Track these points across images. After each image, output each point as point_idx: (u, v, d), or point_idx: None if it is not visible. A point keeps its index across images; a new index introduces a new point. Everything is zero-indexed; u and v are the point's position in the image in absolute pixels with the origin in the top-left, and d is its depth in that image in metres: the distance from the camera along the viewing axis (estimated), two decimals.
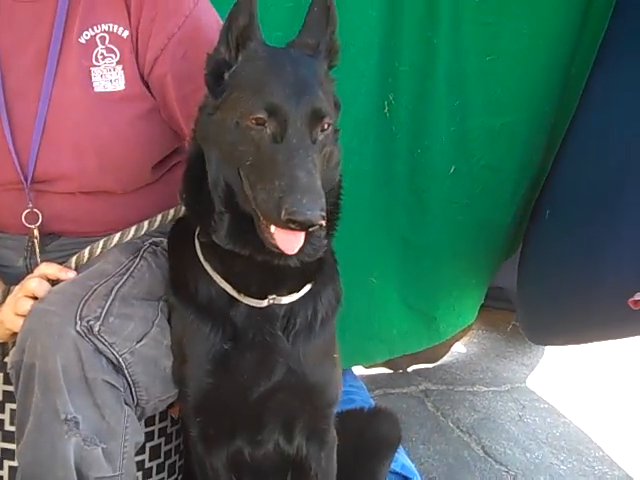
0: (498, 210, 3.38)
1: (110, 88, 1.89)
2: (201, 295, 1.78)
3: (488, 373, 4.23)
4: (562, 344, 3.88)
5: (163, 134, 2.02)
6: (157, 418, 2.05)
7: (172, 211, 1.96)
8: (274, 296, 1.75)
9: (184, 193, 1.79)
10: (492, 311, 4.48)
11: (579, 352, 4.37)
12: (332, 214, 1.75)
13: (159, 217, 1.94)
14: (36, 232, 1.96)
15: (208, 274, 1.77)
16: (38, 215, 1.95)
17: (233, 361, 1.76)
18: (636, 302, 2.55)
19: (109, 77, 1.89)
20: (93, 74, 1.88)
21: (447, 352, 4.29)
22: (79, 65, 1.88)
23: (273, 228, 1.53)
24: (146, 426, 1.99)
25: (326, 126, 1.61)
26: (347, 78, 2.85)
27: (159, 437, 2.08)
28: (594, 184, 2.97)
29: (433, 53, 2.99)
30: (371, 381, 3.89)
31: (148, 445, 2.02)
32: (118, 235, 1.89)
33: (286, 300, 1.77)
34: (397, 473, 2.69)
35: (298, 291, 1.79)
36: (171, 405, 1.95)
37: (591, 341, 3.46)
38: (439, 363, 4.29)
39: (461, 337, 4.30)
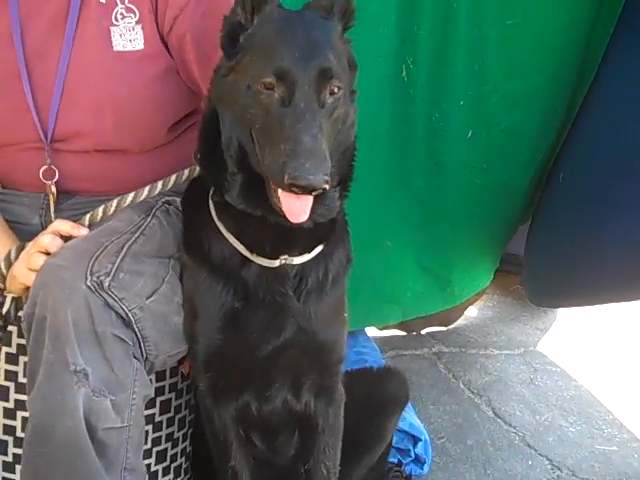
0: (515, 174, 3.37)
1: (129, 47, 1.90)
2: (214, 254, 1.80)
3: (501, 336, 4.25)
4: (569, 306, 3.89)
5: (180, 95, 2.04)
6: (168, 373, 2.09)
7: (186, 171, 1.97)
8: (286, 256, 1.77)
9: (199, 153, 1.81)
10: (508, 275, 4.46)
11: (593, 317, 4.40)
12: (345, 175, 1.76)
13: (173, 177, 1.96)
14: (53, 188, 1.99)
15: (221, 234, 1.79)
16: (55, 171, 1.98)
17: (243, 319, 1.79)
18: None
19: (128, 36, 1.90)
20: (112, 33, 1.90)
21: (461, 315, 4.32)
22: (98, 25, 1.89)
23: (280, 192, 1.55)
24: (157, 381, 2.04)
25: (336, 89, 1.60)
26: (365, 41, 2.82)
27: (170, 392, 2.11)
28: (611, 150, 2.93)
29: (452, 17, 2.96)
30: (384, 342, 3.93)
31: (159, 399, 2.07)
32: (132, 195, 1.91)
33: (298, 260, 1.80)
34: (406, 432, 2.74)
35: (310, 251, 1.81)
36: (182, 360, 2.00)
37: (602, 303, 3.44)
38: (453, 326, 4.31)
39: (475, 301, 4.32)
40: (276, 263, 1.77)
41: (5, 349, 1.91)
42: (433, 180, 3.24)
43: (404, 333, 4.13)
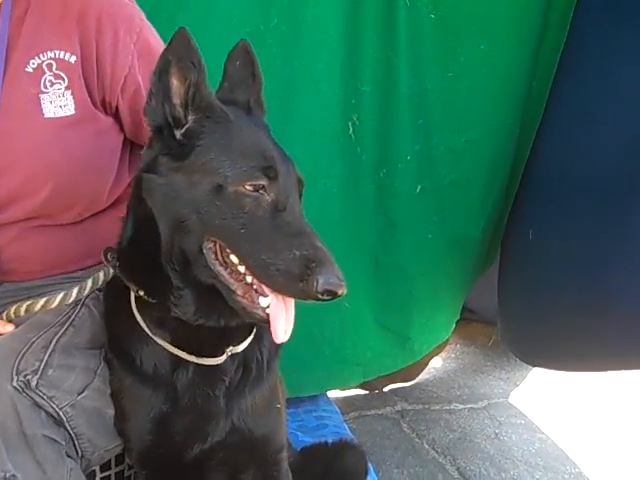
0: (467, 226, 3.38)
1: (60, 114, 1.86)
2: (145, 364, 1.71)
3: (465, 389, 4.20)
4: (562, 369, 3.73)
5: (115, 157, 2.00)
6: (113, 462, 2.00)
7: (101, 275, 1.88)
8: (231, 348, 1.71)
9: (123, 262, 1.69)
10: (469, 324, 4.45)
11: None
12: None
13: (89, 282, 1.87)
14: None
15: (153, 340, 1.69)
16: None
17: (170, 422, 1.71)
18: None
19: (59, 103, 1.86)
20: (42, 101, 1.85)
21: (423, 369, 4.27)
22: (27, 93, 1.86)
23: (265, 302, 1.49)
24: (101, 471, 1.96)
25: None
26: (312, 100, 2.88)
27: None
28: (582, 197, 2.87)
29: (394, 72, 2.99)
30: (346, 403, 3.85)
31: None
32: (42, 301, 1.82)
33: (242, 347, 1.73)
34: None
35: (249, 334, 1.75)
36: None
37: (606, 370, 3.37)
38: (416, 381, 4.25)
39: (438, 353, 4.28)
40: (222, 359, 1.70)
41: None
42: (386, 236, 3.24)
43: (366, 392, 4.06)
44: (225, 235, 1.50)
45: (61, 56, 1.87)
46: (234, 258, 1.51)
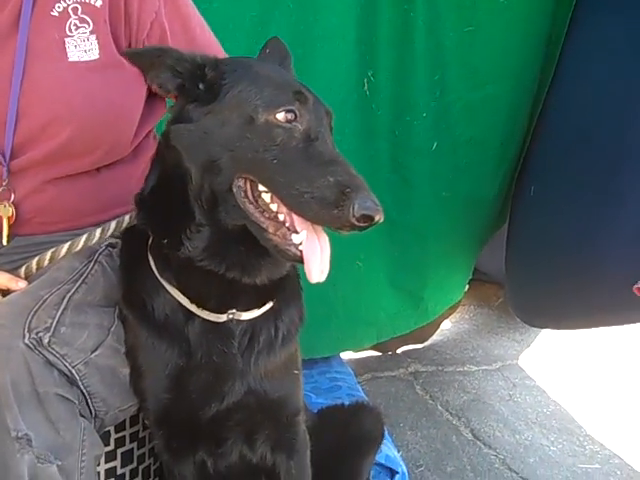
0: (482, 185, 3.35)
1: (85, 58, 1.83)
2: (157, 313, 1.68)
3: (479, 351, 4.18)
4: (557, 328, 3.81)
5: (138, 105, 1.95)
6: (128, 423, 1.98)
7: (127, 217, 1.87)
8: (234, 311, 1.66)
9: (147, 202, 1.66)
10: (483, 285, 4.45)
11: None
12: None
13: (113, 224, 1.86)
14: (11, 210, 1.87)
15: (164, 288, 1.67)
16: (11, 193, 1.86)
17: (186, 379, 1.69)
18: None
19: (83, 47, 1.83)
20: (67, 44, 1.82)
21: (436, 331, 4.26)
22: (52, 37, 1.82)
23: (298, 239, 1.44)
24: (116, 432, 1.93)
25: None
26: (326, 56, 2.83)
27: (131, 442, 2.00)
28: (583, 160, 2.89)
29: (410, 27, 2.92)
30: (359, 364, 3.84)
31: (119, 451, 1.96)
32: (67, 245, 1.81)
33: (246, 316, 1.69)
34: (381, 465, 2.63)
35: (259, 307, 1.71)
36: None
37: (590, 327, 3.40)
38: (429, 343, 4.24)
39: (450, 314, 4.27)
40: (223, 318, 1.66)
41: None
42: (400, 195, 3.20)
43: (379, 353, 4.06)
44: (257, 169, 1.47)
45: (87, 0, 1.84)
46: (266, 197, 1.48)
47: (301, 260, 1.45)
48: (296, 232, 1.45)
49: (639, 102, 2.68)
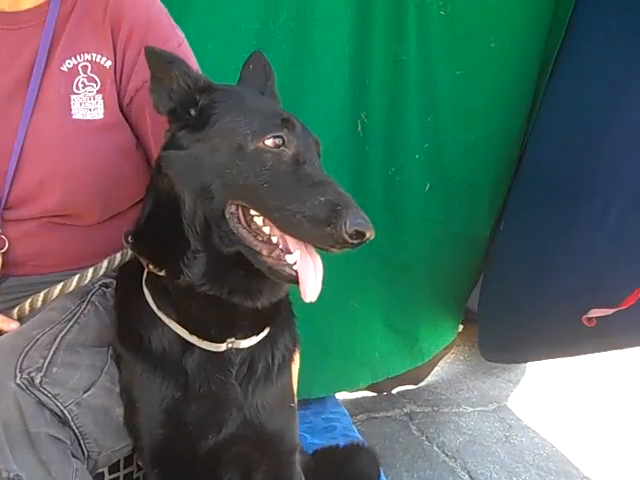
0: (475, 225, 3.39)
1: (89, 116, 1.85)
2: (155, 346, 1.68)
3: (474, 392, 4.15)
4: (521, 361, 3.91)
5: (137, 168, 1.97)
6: (122, 464, 1.95)
7: (118, 255, 1.87)
8: (233, 340, 1.66)
9: (142, 233, 1.68)
10: (475, 325, 4.37)
11: (562, 367, 4.31)
12: None
13: (105, 263, 1.85)
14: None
15: (161, 321, 1.67)
16: (5, 241, 1.87)
17: (182, 411, 1.67)
18: (590, 319, 2.49)
19: (88, 105, 1.86)
20: (72, 102, 1.85)
21: (431, 371, 4.22)
22: (59, 92, 1.85)
23: (292, 259, 1.46)
24: (110, 473, 1.91)
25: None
26: (320, 97, 2.86)
27: None
28: (548, 195, 3.00)
29: (403, 69, 2.97)
30: (354, 405, 3.81)
31: None
32: (60, 286, 1.80)
33: (245, 344, 1.68)
34: None
35: (257, 334, 1.71)
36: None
37: (551, 358, 3.41)
38: (424, 384, 4.20)
39: (445, 355, 4.24)
40: (222, 347, 1.65)
41: None
42: (393, 235, 3.22)
43: (374, 394, 4.02)
44: (248, 194, 1.49)
45: (97, 59, 1.87)
46: (258, 220, 1.50)
47: (296, 280, 1.46)
48: (290, 253, 1.47)
49: (604, 144, 2.77)
